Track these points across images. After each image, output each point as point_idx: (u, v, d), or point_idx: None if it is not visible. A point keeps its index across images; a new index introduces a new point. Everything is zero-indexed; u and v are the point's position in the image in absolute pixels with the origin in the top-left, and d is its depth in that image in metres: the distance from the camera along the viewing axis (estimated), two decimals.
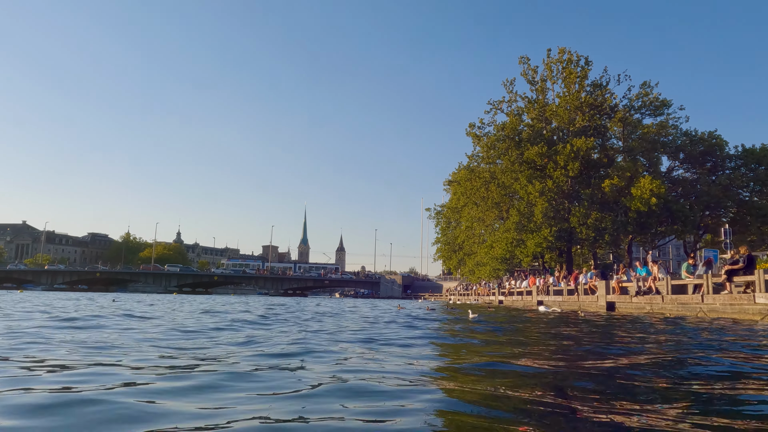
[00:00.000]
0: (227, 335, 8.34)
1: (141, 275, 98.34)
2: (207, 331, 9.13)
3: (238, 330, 9.36)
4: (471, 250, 49.57)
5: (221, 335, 8.30)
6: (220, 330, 9.28)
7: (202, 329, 9.41)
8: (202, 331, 8.98)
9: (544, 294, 25.96)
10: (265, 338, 7.84)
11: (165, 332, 8.57)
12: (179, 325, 10.11)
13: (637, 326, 10.26)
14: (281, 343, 7.05)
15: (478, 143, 41.81)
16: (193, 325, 10.40)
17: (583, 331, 9.82)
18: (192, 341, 7.25)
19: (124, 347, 6.31)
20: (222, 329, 9.43)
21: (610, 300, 17.91)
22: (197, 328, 9.53)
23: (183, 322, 10.97)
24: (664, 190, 32.58)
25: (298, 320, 12.35)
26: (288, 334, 8.63)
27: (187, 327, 9.77)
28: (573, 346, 7.31)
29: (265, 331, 9.32)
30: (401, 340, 7.72)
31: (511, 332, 9.71)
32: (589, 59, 39.03)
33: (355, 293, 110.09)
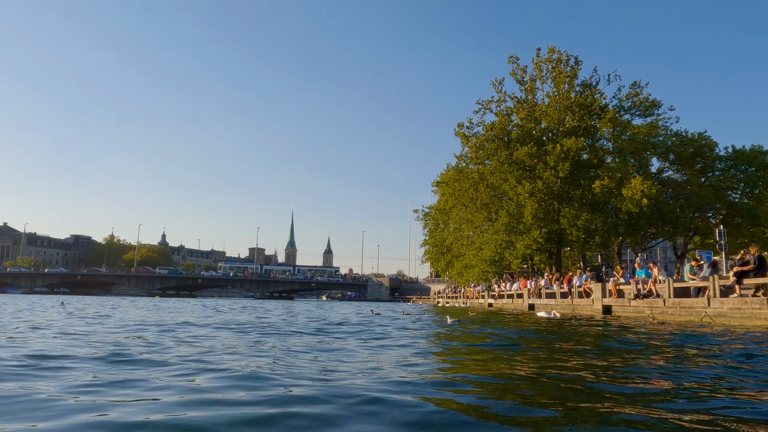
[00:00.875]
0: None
1: (123, 278, 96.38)
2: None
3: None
4: (459, 252, 48.89)
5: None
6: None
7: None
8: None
9: (536, 297, 25.27)
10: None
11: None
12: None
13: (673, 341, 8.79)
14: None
15: (466, 143, 41.16)
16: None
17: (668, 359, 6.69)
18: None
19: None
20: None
21: (607, 303, 17.16)
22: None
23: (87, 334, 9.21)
24: (655, 191, 32.11)
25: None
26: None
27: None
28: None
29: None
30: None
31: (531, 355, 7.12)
32: (579, 59, 38.67)
33: (342, 296, 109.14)
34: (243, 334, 9.78)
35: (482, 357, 6.75)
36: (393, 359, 6.35)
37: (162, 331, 10.07)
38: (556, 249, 37.42)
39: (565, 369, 5.40)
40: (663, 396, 4.00)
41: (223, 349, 7.19)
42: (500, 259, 37.81)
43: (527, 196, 34.84)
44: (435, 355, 7.05)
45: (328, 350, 7.27)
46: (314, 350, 7.22)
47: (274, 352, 6.97)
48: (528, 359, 6.31)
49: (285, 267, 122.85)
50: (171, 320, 13.68)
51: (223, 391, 4.03)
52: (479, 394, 4.03)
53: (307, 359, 6.22)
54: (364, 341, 8.77)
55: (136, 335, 9.13)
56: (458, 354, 7.34)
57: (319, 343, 8.25)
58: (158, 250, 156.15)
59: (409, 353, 7.05)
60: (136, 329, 10.53)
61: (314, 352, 7.02)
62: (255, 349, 7.35)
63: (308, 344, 8.07)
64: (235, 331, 10.42)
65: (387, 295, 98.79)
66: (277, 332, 10.34)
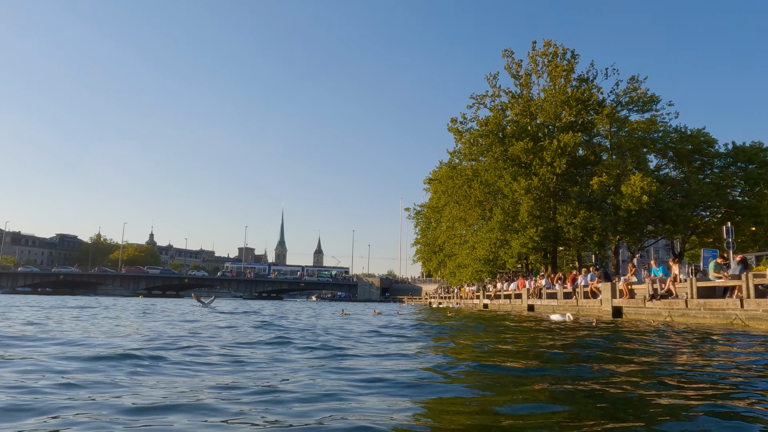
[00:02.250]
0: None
1: (108, 277, 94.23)
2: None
3: None
4: (452, 251, 47.71)
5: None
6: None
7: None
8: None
9: (536, 298, 24.03)
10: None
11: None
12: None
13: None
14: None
15: (460, 139, 40.02)
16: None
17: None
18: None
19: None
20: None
21: (617, 305, 15.77)
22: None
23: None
24: (655, 188, 31.07)
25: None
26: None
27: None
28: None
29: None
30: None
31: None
32: (576, 53, 37.66)
33: (333, 296, 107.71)
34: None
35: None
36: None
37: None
38: (552, 248, 36.32)
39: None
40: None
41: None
42: (495, 258, 36.65)
43: (523, 193, 33.72)
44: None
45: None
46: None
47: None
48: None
49: (288, 268, 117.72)
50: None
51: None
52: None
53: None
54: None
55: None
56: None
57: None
58: (145, 250, 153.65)
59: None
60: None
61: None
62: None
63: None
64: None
65: (378, 295, 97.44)
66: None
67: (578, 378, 5.02)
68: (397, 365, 5.89)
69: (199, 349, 7.17)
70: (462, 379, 5.00)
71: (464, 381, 4.94)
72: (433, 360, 6.58)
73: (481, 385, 4.72)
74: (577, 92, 36.01)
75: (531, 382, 4.80)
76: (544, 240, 33.57)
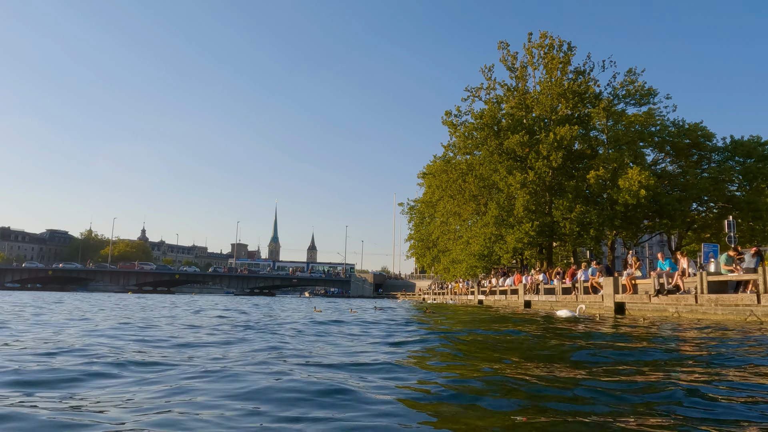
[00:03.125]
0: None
1: (97, 273, 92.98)
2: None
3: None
4: (446, 246, 47.11)
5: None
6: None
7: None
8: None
9: (533, 293, 23.36)
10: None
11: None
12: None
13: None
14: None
15: (454, 133, 39.33)
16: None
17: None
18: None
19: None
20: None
21: (620, 300, 15.00)
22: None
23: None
24: (653, 181, 30.49)
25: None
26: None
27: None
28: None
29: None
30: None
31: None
32: (572, 45, 37.01)
33: (325, 292, 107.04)
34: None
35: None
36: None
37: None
38: (547, 243, 35.73)
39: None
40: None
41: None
42: (489, 253, 36.05)
43: (518, 187, 33.09)
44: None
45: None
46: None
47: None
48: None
49: (299, 263, 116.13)
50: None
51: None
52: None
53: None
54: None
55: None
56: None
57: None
58: (137, 246, 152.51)
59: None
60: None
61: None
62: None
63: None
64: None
65: (371, 291, 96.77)
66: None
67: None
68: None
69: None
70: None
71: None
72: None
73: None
74: (573, 85, 35.39)
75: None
76: (540, 235, 32.95)
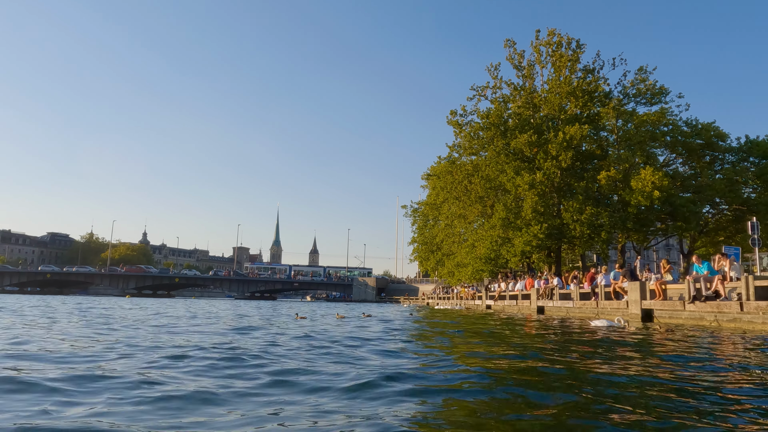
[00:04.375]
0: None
1: (96, 276, 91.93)
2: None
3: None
4: (450, 250, 45.97)
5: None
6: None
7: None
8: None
9: (547, 299, 22.18)
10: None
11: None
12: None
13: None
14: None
15: (459, 133, 38.29)
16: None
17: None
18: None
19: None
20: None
21: (648, 307, 13.78)
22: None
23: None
24: (667, 182, 29.38)
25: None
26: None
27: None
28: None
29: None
30: None
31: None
32: (581, 42, 35.99)
33: (327, 296, 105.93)
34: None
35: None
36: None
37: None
38: (556, 246, 34.59)
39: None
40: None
41: None
42: (496, 256, 34.94)
43: (526, 188, 31.99)
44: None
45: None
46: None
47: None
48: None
49: (318, 268, 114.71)
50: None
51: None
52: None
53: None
54: None
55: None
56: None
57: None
58: (138, 249, 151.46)
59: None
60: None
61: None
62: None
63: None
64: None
65: (373, 295, 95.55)
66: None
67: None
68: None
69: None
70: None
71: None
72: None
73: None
74: (582, 83, 34.37)
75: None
76: (549, 238, 31.83)
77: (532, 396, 4.09)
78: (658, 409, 3.63)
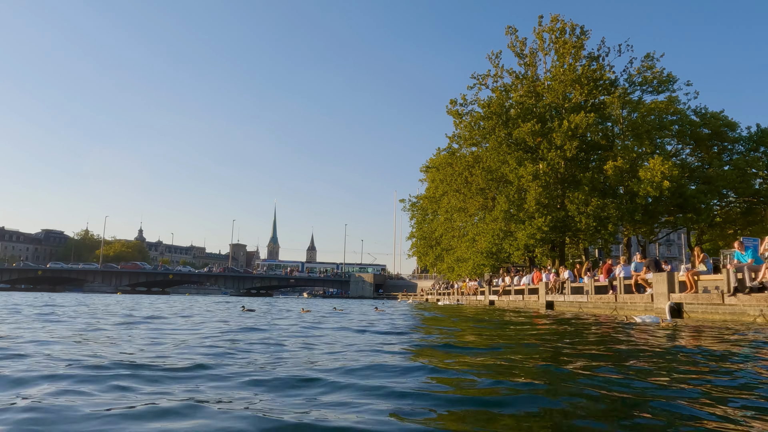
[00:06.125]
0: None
1: (88, 273, 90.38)
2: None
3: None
4: (450, 245, 44.72)
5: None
6: None
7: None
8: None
9: (557, 293, 20.88)
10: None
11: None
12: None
13: None
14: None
15: (459, 123, 37.00)
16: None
17: None
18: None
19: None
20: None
21: (676, 301, 12.53)
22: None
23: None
24: (677, 172, 28.14)
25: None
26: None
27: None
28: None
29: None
30: None
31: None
32: (585, 29, 34.72)
33: (324, 293, 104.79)
34: None
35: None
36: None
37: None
38: (560, 240, 33.35)
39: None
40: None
41: None
42: (498, 250, 33.71)
43: (530, 179, 30.73)
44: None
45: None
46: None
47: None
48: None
49: (329, 264, 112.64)
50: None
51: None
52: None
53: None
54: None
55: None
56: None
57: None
58: (133, 246, 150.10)
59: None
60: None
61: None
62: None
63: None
64: None
65: (371, 291, 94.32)
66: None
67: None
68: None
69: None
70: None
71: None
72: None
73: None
74: (587, 70, 33.14)
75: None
76: (553, 230, 30.59)
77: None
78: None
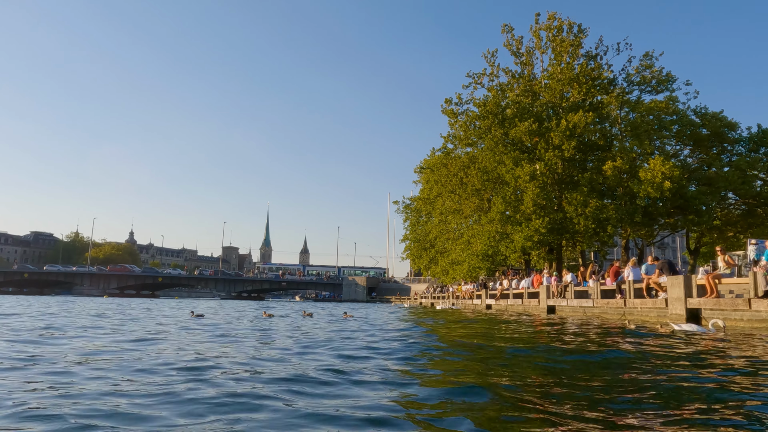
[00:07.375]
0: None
1: (76, 276, 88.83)
2: None
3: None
4: (444, 247, 43.85)
5: None
6: None
7: None
8: None
9: (559, 297, 19.95)
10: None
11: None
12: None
13: None
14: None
15: (455, 123, 36.24)
16: None
17: None
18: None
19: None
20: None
21: (695, 306, 11.35)
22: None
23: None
24: (678, 173, 27.43)
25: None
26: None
27: None
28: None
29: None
30: None
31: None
32: (583, 27, 34.09)
33: (317, 296, 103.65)
34: None
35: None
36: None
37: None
38: (557, 242, 32.58)
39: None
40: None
41: None
42: (494, 253, 32.88)
43: (527, 180, 29.94)
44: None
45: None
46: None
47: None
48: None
49: (329, 267, 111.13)
50: None
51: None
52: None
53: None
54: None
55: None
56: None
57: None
58: (124, 248, 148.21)
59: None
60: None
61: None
62: None
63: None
64: None
65: (363, 295, 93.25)
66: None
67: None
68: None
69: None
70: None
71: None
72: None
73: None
74: (585, 69, 32.47)
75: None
76: (551, 233, 29.80)
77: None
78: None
